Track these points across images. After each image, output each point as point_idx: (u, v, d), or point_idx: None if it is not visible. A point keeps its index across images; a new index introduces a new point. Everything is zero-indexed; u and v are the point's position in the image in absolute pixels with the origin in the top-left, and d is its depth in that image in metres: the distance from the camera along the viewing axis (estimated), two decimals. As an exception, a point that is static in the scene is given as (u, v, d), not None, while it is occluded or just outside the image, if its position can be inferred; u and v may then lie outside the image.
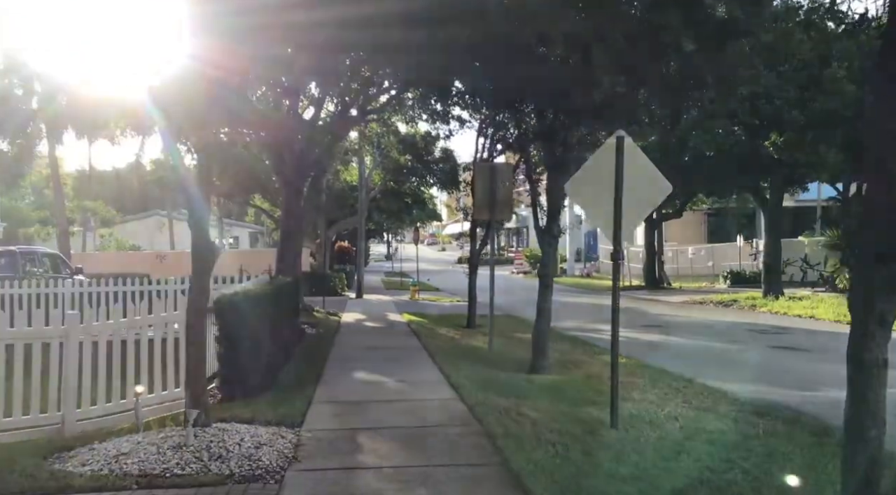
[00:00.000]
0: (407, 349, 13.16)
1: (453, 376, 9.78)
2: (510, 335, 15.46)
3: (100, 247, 40.98)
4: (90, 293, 15.68)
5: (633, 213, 7.22)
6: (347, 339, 14.67)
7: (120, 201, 61.72)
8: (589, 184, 7.35)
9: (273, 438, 6.50)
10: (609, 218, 7.17)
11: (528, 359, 11.93)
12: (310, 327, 16.22)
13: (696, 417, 7.53)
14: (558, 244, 11.95)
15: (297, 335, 14.88)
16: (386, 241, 75.73)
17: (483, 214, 13.02)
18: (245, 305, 8.95)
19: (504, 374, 10.50)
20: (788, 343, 14.38)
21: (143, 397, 8.03)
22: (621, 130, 7.21)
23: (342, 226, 34.96)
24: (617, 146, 7.12)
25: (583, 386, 9.54)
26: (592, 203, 7.42)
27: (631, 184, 7.11)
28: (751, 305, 22.03)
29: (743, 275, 32.89)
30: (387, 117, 22.13)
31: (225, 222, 48.65)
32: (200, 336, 6.53)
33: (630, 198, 7.12)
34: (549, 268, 11.29)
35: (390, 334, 15.73)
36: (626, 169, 7.10)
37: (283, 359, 11.84)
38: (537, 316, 11.19)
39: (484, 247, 19.10)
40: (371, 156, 29.14)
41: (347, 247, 42.10)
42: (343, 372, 10.54)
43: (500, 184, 12.63)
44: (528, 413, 7.58)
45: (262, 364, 9.96)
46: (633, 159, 7.17)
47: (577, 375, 10.48)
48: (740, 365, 11.78)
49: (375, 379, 10.02)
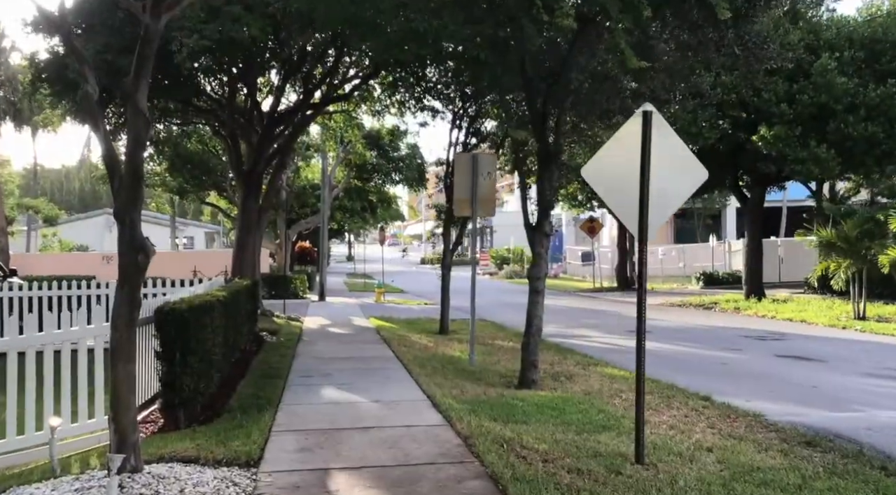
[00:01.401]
0: (379, 360, 11.81)
1: (437, 395, 8.48)
2: (489, 342, 14.23)
3: (42, 247, 38.69)
4: (20, 298, 13.99)
5: (661, 204, 5.99)
6: (311, 348, 13.27)
7: (70, 200, 59.32)
8: (609, 169, 6.10)
9: (222, 487, 5.13)
10: (633, 209, 5.94)
11: (515, 371, 10.72)
12: (269, 335, 14.76)
13: (732, 448, 6.33)
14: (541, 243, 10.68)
15: (255, 344, 13.45)
16: (348, 242, 74.05)
17: (464, 210, 11.73)
18: (192, 315, 7.54)
19: (492, 391, 9.23)
20: (794, 351, 13.31)
21: (63, 428, 6.62)
22: (648, 104, 5.98)
23: (303, 225, 33.43)
24: (643, 122, 5.88)
25: (584, 404, 8.29)
26: (614, 191, 6.16)
27: (660, 169, 5.88)
28: (734, 308, 21.09)
29: (716, 276, 32.17)
30: (352, 109, 20.71)
31: (179, 221, 46.63)
32: (128, 357, 5.12)
33: (658, 186, 5.89)
34: (540, 271, 10.02)
35: (358, 342, 14.35)
36: (655, 150, 5.87)
37: (238, 373, 10.43)
38: (527, 324, 9.95)
39: (457, 246, 17.87)
40: (334, 152, 27.66)
41: (309, 247, 40.50)
42: (307, 389, 9.16)
43: (483, 176, 11.36)
44: (533, 444, 6.31)
45: (213, 382, 8.55)
46: (662, 138, 5.94)
47: (574, 391, 9.24)
48: (754, 378, 10.63)
49: (346, 398, 8.65)
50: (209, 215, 55.87)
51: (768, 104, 18.34)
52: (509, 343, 14.22)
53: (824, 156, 17.87)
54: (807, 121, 18.39)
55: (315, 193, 31.66)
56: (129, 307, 5.11)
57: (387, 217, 45.37)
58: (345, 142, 26.22)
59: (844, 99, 18.22)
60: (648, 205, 5.87)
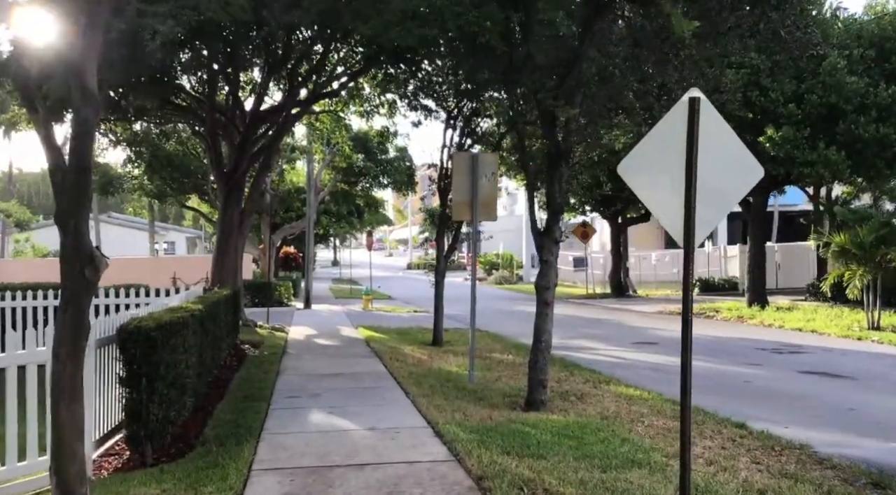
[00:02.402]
0: (371, 376, 10.88)
1: (438, 421, 7.57)
2: (486, 355, 13.30)
3: (14, 253, 37.30)
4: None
5: (711, 205, 5.10)
6: (296, 363, 12.31)
7: (48, 204, 57.96)
8: (649, 165, 5.21)
9: (189, 552, 4.19)
10: (676, 210, 5.05)
11: (520, 388, 9.85)
12: (251, 347, 13.79)
13: (789, 491, 5.44)
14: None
15: (235, 358, 12.48)
16: (333, 246, 72.93)
17: (462, 214, 10.81)
18: (161, 334, 6.57)
19: (498, 414, 8.31)
20: (817, 366, 12.38)
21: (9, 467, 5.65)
22: (695, 89, 5.10)
23: (288, 230, 32.40)
24: (690, 110, 5.00)
25: (604, 432, 7.38)
26: (653, 190, 5.26)
27: (709, 165, 5.00)
28: (737, 316, 20.28)
29: (712, 282, 31.44)
30: (340, 109, 19.76)
31: (159, 226, 45.39)
32: (73, 395, 4.16)
33: (707, 184, 5.01)
34: (550, 281, 9.11)
35: (347, 355, 13.40)
36: (703, 142, 4.99)
37: (216, 393, 9.46)
38: (535, 339, 9.04)
39: (452, 252, 16.97)
40: (321, 154, 26.68)
41: (294, 252, 39.43)
42: (293, 414, 8.21)
43: (485, 177, 10.45)
44: (557, 488, 5.41)
45: (186, 409, 7.58)
46: (711, 129, 5.06)
47: (589, 414, 8.32)
48: (783, 399, 9.70)
49: (336, 425, 7.72)
50: (191, 220, 54.64)
51: (775, 104, 17.56)
52: (508, 356, 13.33)
53: (835, 158, 17.11)
54: (816, 122, 17.62)
55: (300, 197, 30.66)
56: (75, 333, 4.15)
57: (373, 221, 44.36)
58: (332, 144, 25.26)
59: (854, 99, 17.49)
60: (696, 207, 4.99)
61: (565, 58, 9.07)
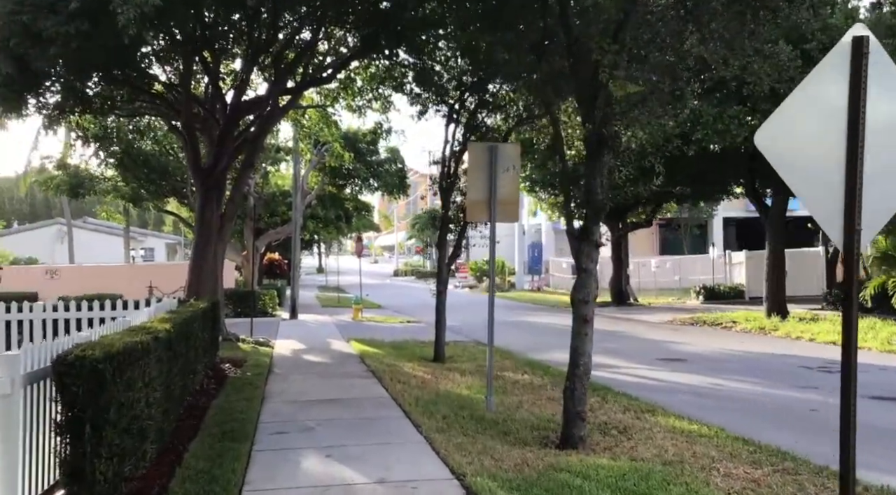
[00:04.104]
0: (371, 403, 9.35)
1: (466, 470, 6.05)
2: (498, 374, 11.61)
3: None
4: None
5: (887, 193, 3.62)
6: (284, 386, 10.75)
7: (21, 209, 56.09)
8: (794, 136, 3.72)
9: None
10: (832, 190, 3.58)
11: (547, 419, 8.45)
12: (232, 367, 12.19)
13: None
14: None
15: (214, 381, 10.87)
16: (319, 253, 71.26)
17: (479, 214, 9.28)
18: (113, 366, 5.00)
19: (532, 455, 6.78)
20: (885, 389, 10.72)
21: None
22: (860, 25, 3.62)
23: (273, 235, 30.74)
24: (853, 52, 3.53)
25: (674, 484, 5.86)
26: (801, 163, 3.78)
27: (882, 135, 3.53)
28: (758, 327, 18.85)
29: (717, 290, 30.13)
30: (329, 104, 18.21)
31: (137, 232, 43.52)
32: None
33: (880, 157, 3.54)
34: (589, 294, 7.60)
35: (341, 375, 11.84)
36: (872, 98, 3.53)
37: (189, 428, 7.87)
38: (572, 364, 7.54)
39: (455, 258, 15.47)
40: (308, 154, 25.08)
41: (279, 259, 37.71)
42: (281, 460, 6.65)
43: (507, 170, 8.95)
44: None
45: (147, 458, 5.98)
46: (883, 79, 3.59)
47: (645, 457, 6.77)
48: (869, 434, 7.11)
49: (336, 476, 6.16)
50: (171, 225, 52.71)
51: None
52: (523, 375, 11.84)
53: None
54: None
55: (286, 201, 29.02)
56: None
57: (360, 226, 42.73)
58: (320, 143, 23.68)
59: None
60: (862, 194, 3.51)
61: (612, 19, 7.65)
